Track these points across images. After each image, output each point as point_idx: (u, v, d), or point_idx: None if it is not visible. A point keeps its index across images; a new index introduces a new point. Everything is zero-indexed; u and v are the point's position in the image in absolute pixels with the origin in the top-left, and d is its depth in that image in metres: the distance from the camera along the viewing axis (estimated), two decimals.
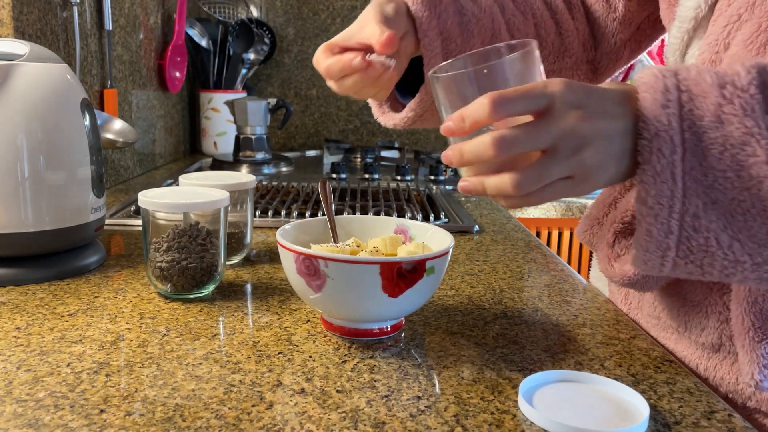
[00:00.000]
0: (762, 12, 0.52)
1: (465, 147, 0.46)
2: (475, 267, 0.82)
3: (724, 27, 0.55)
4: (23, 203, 0.68)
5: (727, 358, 0.57)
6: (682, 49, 0.61)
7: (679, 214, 0.44)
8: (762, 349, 0.52)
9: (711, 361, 0.58)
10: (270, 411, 0.45)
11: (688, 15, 0.59)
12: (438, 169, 1.47)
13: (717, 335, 0.57)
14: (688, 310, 0.60)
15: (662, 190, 0.43)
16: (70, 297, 0.66)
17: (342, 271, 0.52)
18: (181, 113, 1.74)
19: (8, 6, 0.89)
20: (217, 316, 0.62)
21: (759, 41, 0.51)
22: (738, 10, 0.54)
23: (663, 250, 0.45)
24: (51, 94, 0.70)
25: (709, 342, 0.58)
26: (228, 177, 0.78)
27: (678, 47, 0.61)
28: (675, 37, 0.62)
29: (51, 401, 0.45)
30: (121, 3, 1.30)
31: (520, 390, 0.47)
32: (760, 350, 0.52)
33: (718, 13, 0.57)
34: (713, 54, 0.56)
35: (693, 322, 0.59)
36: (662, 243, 0.45)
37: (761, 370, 0.52)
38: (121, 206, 1.06)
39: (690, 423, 0.46)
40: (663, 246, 0.45)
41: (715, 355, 0.58)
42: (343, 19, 1.90)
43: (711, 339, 0.58)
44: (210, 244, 0.67)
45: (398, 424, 0.44)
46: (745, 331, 0.52)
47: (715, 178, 0.43)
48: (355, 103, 1.95)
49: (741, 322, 0.53)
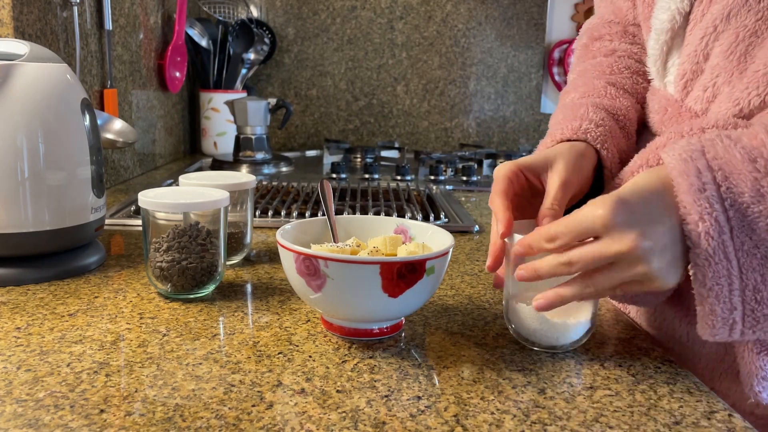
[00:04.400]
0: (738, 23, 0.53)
1: (539, 265, 0.50)
2: (475, 267, 0.82)
3: (701, 38, 0.56)
4: (23, 203, 0.68)
5: (730, 368, 0.57)
6: (662, 59, 0.62)
7: (740, 290, 0.45)
8: (761, 360, 0.52)
9: (715, 373, 0.58)
10: (270, 411, 0.45)
11: (664, 27, 0.60)
12: (438, 169, 1.47)
13: (720, 346, 0.57)
14: (691, 320, 0.59)
15: (718, 270, 0.44)
16: (70, 297, 0.66)
17: (342, 271, 0.52)
18: (181, 113, 1.74)
19: (8, 6, 0.89)
20: (217, 316, 0.62)
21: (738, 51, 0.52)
22: (713, 22, 0.55)
23: (730, 325, 0.46)
24: (51, 94, 0.70)
25: (712, 353, 0.58)
26: (228, 177, 0.78)
27: (658, 57, 0.62)
28: (653, 48, 0.62)
29: (51, 401, 0.45)
30: (121, 3, 1.30)
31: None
32: (759, 362, 0.52)
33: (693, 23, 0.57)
34: (694, 65, 0.57)
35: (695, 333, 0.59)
36: (728, 319, 0.46)
37: (760, 381, 0.52)
38: (121, 206, 1.06)
39: (690, 423, 0.46)
40: (729, 322, 0.46)
41: (718, 366, 0.58)
42: (343, 19, 1.91)
43: (714, 350, 0.58)
44: (210, 244, 0.67)
45: (398, 424, 0.44)
46: (744, 343, 0.52)
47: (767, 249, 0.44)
48: (355, 103, 1.95)
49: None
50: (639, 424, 0.45)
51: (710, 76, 0.55)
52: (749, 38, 0.52)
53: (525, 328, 0.57)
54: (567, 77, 2.03)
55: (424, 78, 1.95)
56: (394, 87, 1.95)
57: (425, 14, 1.92)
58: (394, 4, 1.91)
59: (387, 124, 1.97)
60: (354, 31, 1.92)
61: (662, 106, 0.62)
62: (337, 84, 1.94)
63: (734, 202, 0.44)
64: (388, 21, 1.92)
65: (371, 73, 1.94)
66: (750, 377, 0.52)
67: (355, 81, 1.94)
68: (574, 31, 2.00)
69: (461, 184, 1.44)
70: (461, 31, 1.93)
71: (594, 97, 0.67)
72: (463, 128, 1.99)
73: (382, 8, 1.91)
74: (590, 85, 0.70)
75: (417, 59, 1.94)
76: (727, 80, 0.53)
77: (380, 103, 1.96)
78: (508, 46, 1.96)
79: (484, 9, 1.93)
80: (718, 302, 0.45)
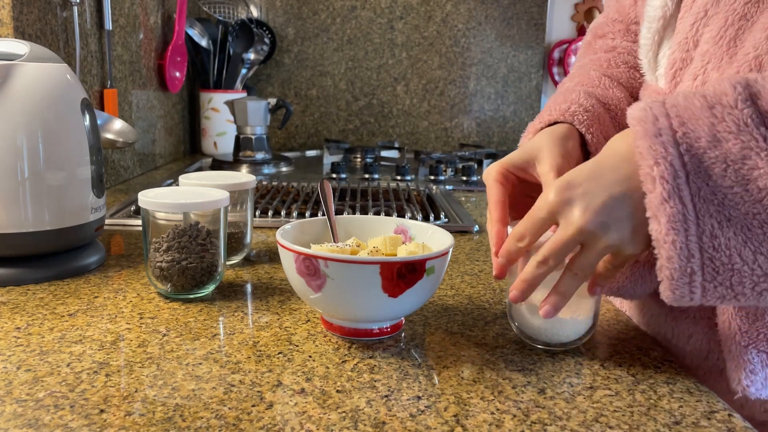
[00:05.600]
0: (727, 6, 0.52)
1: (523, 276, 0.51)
2: (475, 267, 0.82)
3: (692, 25, 0.55)
4: (23, 203, 0.68)
5: (715, 365, 0.56)
6: (654, 49, 0.61)
7: (696, 236, 0.44)
8: (748, 354, 0.51)
9: (699, 370, 0.58)
10: (270, 411, 0.45)
11: (656, 14, 0.60)
12: (438, 169, 1.47)
13: (705, 341, 0.57)
14: (677, 316, 0.59)
15: (673, 214, 0.43)
16: (70, 297, 0.66)
17: (342, 271, 0.52)
18: (181, 113, 1.74)
19: (8, 6, 0.89)
20: (217, 316, 0.62)
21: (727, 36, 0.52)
22: (704, 6, 0.54)
23: (689, 276, 0.44)
24: (51, 94, 0.70)
25: (697, 349, 0.58)
26: (228, 177, 0.78)
27: (650, 48, 0.62)
28: (645, 38, 0.62)
29: (51, 401, 0.45)
30: (121, 3, 1.30)
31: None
32: (747, 355, 0.51)
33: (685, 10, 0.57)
34: (684, 53, 0.56)
35: (681, 328, 0.59)
36: (686, 268, 0.44)
37: (748, 375, 0.51)
38: (121, 206, 1.06)
39: (690, 423, 0.46)
40: (687, 271, 0.44)
41: (703, 363, 0.58)
42: (343, 19, 1.91)
43: (699, 345, 0.57)
44: (210, 244, 0.66)
45: (398, 424, 0.44)
46: (732, 336, 0.52)
47: (724, 195, 0.43)
48: (355, 103, 1.95)
49: (728, 327, 0.52)
50: (639, 424, 0.45)
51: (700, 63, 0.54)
52: (738, 22, 0.51)
53: (529, 326, 0.57)
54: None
55: (424, 78, 1.95)
56: (394, 87, 1.95)
57: (425, 14, 1.92)
58: (394, 4, 1.91)
59: (387, 124, 1.97)
60: (354, 31, 1.92)
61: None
62: (337, 84, 1.94)
63: (690, 146, 0.43)
64: (388, 21, 1.92)
65: (371, 73, 1.94)
66: (737, 371, 0.52)
67: (355, 81, 1.94)
68: (574, 31, 2.00)
69: (461, 184, 1.44)
70: (461, 31, 1.93)
71: (587, 86, 0.68)
72: (463, 128, 1.99)
73: (382, 8, 1.91)
74: (586, 76, 0.70)
75: (417, 59, 1.94)
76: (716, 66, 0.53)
77: (380, 103, 1.96)
78: (508, 46, 1.96)
79: (484, 9, 1.93)
80: (675, 248, 0.44)
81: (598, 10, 1.98)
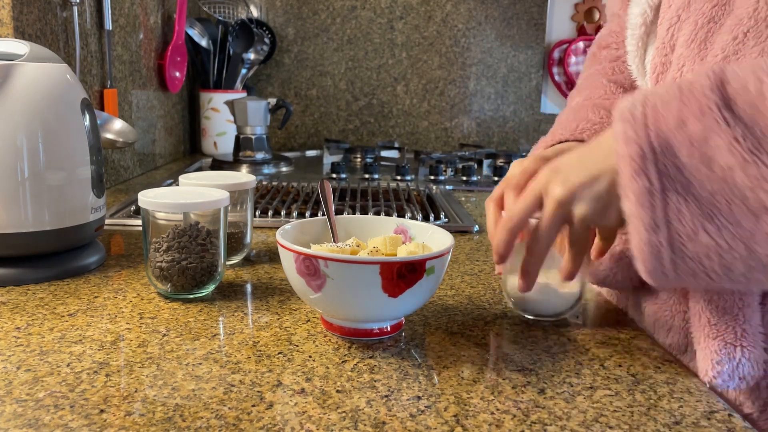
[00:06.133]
0: (697, 10, 0.54)
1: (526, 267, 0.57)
2: (475, 267, 0.82)
3: (667, 30, 0.58)
4: (23, 203, 0.68)
5: (693, 360, 0.57)
6: (640, 55, 0.64)
7: (662, 210, 0.46)
8: (716, 345, 0.52)
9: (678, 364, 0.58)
10: (270, 411, 0.45)
11: (637, 21, 0.62)
12: (438, 169, 1.47)
13: (683, 335, 0.57)
14: (657, 310, 0.60)
15: (640, 190, 0.46)
16: (70, 297, 0.66)
17: (342, 271, 0.52)
18: (181, 113, 1.74)
19: (8, 6, 0.89)
20: (217, 316, 0.62)
21: (698, 38, 0.54)
22: (677, 12, 0.57)
23: (657, 249, 0.46)
24: (51, 94, 0.70)
25: (676, 343, 0.58)
26: (228, 177, 0.78)
27: (636, 54, 0.65)
28: (631, 44, 0.65)
29: (51, 401, 0.45)
30: (121, 3, 1.30)
31: None
32: (714, 346, 0.52)
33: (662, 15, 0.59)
34: (663, 57, 0.59)
35: (660, 322, 0.60)
36: (653, 241, 0.46)
37: (714, 366, 0.52)
38: (121, 206, 1.06)
39: (690, 423, 0.46)
40: (655, 243, 0.46)
41: (682, 357, 0.58)
42: (343, 19, 1.91)
43: (677, 339, 0.58)
44: (210, 244, 0.67)
45: (398, 424, 0.44)
46: (701, 328, 0.53)
47: (690, 173, 0.45)
48: (355, 103, 1.95)
49: (698, 319, 0.53)
50: (639, 424, 0.45)
51: (677, 67, 0.56)
52: (707, 25, 0.53)
53: (523, 300, 0.63)
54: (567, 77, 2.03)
55: (424, 78, 1.95)
56: (394, 87, 1.95)
57: (425, 14, 1.92)
58: (394, 4, 1.91)
59: (387, 124, 1.97)
60: (354, 31, 1.92)
61: None
62: (337, 84, 1.94)
63: (659, 130, 0.46)
64: (388, 21, 1.92)
65: (371, 73, 1.94)
66: (705, 362, 0.53)
67: (355, 81, 1.94)
68: (574, 31, 2.00)
69: (461, 184, 1.44)
70: (461, 31, 1.93)
71: (595, 99, 0.72)
72: (463, 128, 1.99)
73: (382, 8, 1.91)
74: (593, 86, 0.75)
75: (417, 59, 1.94)
76: (690, 68, 0.55)
77: (380, 103, 1.96)
78: (508, 46, 1.96)
79: (484, 9, 1.93)
80: (642, 223, 0.47)
81: (598, 10, 1.98)
